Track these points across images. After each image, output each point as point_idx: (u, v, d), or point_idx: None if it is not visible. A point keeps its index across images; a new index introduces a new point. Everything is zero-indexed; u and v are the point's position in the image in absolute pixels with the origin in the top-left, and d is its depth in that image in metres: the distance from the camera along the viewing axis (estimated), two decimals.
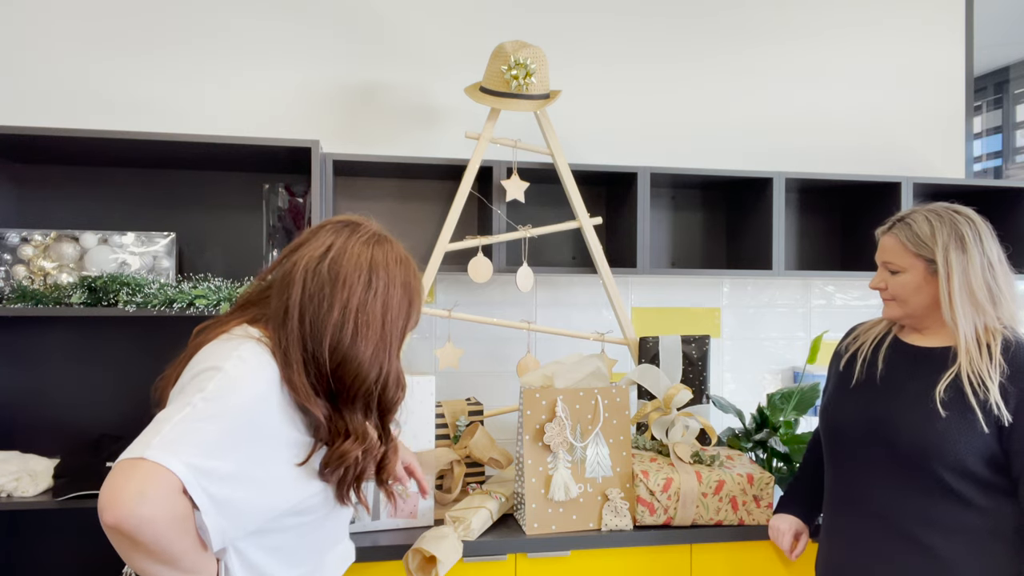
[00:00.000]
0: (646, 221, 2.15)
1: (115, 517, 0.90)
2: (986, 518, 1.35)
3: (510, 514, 1.85)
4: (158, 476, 0.92)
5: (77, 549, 2.05)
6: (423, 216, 2.30)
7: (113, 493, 0.91)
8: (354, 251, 1.14)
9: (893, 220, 1.50)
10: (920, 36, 2.66)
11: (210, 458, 0.97)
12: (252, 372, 1.05)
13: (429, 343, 2.31)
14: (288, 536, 1.14)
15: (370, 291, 1.12)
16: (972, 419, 1.34)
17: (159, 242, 1.98)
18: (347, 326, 1.10)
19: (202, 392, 1.00)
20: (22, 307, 1.77)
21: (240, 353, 1.06)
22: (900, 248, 1.45)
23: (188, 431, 0.96)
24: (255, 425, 1.04)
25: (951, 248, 1.40)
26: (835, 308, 2.60)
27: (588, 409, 1.78)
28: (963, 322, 1.38)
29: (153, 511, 0.91)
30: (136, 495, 0.91)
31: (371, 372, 1.13)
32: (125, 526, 0.90)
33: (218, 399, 1.00)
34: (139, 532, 0.91)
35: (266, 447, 1.06)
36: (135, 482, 0.91)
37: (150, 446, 0.94)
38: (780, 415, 2.10)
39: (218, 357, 1.05)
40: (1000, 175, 4.60)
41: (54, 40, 2.11)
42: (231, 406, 1.01)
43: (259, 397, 1.05)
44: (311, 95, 2.26)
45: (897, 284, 1.46)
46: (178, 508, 0.94)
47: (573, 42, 2.41)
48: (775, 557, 1.81)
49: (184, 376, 1.06)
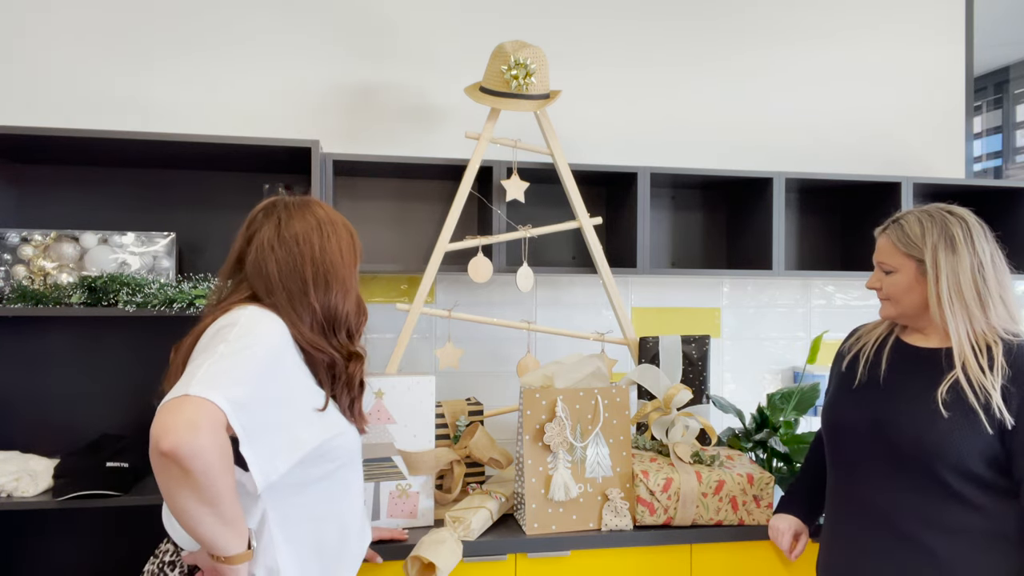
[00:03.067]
0: (646, 221, 2.15)
1: (171, 443, 0.97)
2: (988, 519, 1.35)
3: (510, 514, 1.85)
4: (205, 408, 1.01)
5: (77, 549, 2.05)
6: (423, 216, 2.30)
7: (166, 424, 0.98)
8: (296, 215, 1.32)
9: (889, 221, 1.51)
10: (920, 36, 2.66)
11: (244, 393, 1.06)
12: (265, 321, 1.20)
13: (429, 343, 2.31)
14: (318, 494, 1.26)
15: (325, 239, 1.31)
16: (974, 420, 1.33)
17: (159, 242, 1.98)
18: (319, 273, 1.29)
19: (225, 341, 1.11)
20: (22, 307, 1.77)
21: (250, 311, 1.20)
22: (892, 248, 1.46)
23: (221, 370, 1.06)
24: (277, 365, 1.16)
25: (940, 249, 1.40)
26: (835, 308, 2.60)
27: (588, 409, 1.78)
28: (952, 323, 1.38)
29: (206, 440, 0.99)
30: (188, 424, 0.98)
31: (346, 304, 1.33)
32: (182, 451, 0.97)
33: (241, 344, 1.11)
34: (193, 459, 0.98)
35: (287, 387, 1.18)
36: (186, 414, 0.99)
37: (191, 385, 1.02)
38: (780, 415, 2.10)
39: (231, 318, 1.18)
40: (1000, 175, 4.60)
41: (54, 40, 2.11)
42: (254, 349, 1.12)
43: (276, 341, 1.18)
44: (311, 95, 2.26)
45: (890, 284, 1.47)
46: (224, 441, 1.03)
47: (573, 42, 2.41)
48: (775, 557, 1.81)
49: (203, 340, 1.16)
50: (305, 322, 1.26)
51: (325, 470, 1.27)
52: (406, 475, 1.74)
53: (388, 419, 1.73)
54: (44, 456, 1.88)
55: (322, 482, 1.27)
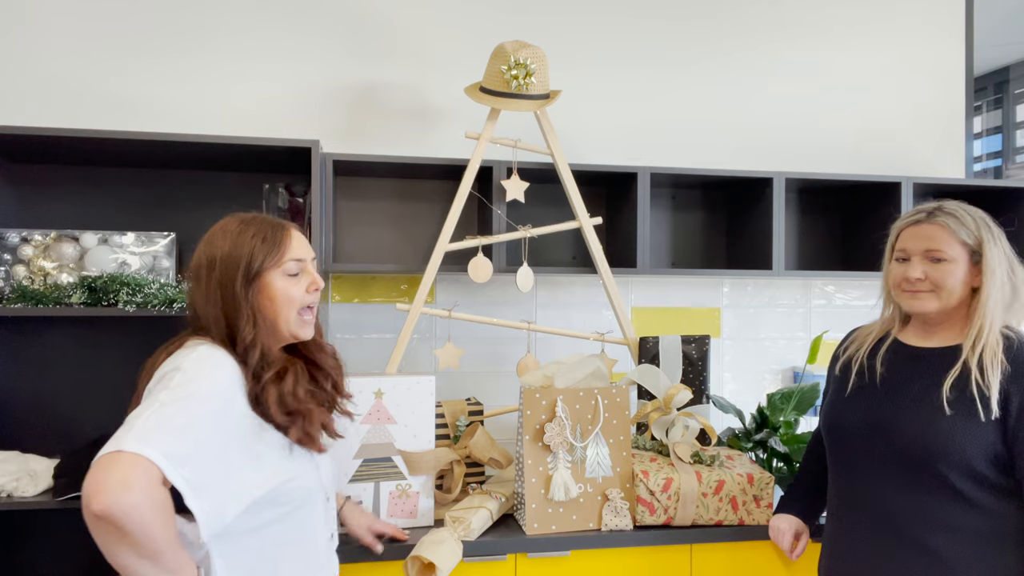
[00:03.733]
0: (646, 221, 2.15)
1: (102, 504, 0.94)
2: (991, 519, 1.34)
3: (510, 514, 1.85)
4: (138, 465, 0.97)
5: (77, 549, 2.05)
6: (423, 216, 2.30)
7: (97, 484, 0.96)
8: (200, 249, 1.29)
9: (928, 209, 1.44)
10: (920, 36, 2.66)
11: (183, 445, 1.03)
12: (211, 366, 1.15)
13: (429, 343, 2.31)
14: (267, 537, 1.20)
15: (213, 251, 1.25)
16: (977, 419, 1.33)
17: (159, 242, 1.98)
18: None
19: (167, 389, 1.08)
20: (22, 307, 1.77)
21: (198, 352, 1.16)
22: (950, 236, 1.40)
23: (159, 422, 1.03)
24: (222, 413, 1.12)
25: (990, 240, 1.40)
26: (835, 308, 2.60)
27: (588, 409, 1.78)
28: (988, 318, 1.37)
29: (138, 498, 0.96)
30: (120, 483, 0.95)
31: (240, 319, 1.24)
32: (113, 512, 0.94)
33: (183, 392, 1.08)
34: (127, 519, 0.95)
35: (238, 433, 1.15)
36: (117, 472, 0.96)
37: (125, 440, 0.99)
38: (780, 415, 2.10)
39: (177, 360, 1.15)
40: (1000, 175, 4.61)
41: (54, 40, 2.11)
42: (196, 397, 1.09)
43: (222, 386, 1.14)
44: (311, 95, 2.25)
45: (944, 273, 1.40)
46: (159, 496, 0.99)
47: (573, 42, 2.41)
48: (775, 557, 1.81)
49: (152, 381, 1.14)
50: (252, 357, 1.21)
51: (278, 513, 1.22)
52: (406, 475, 1.74)
53: (388, 419, 1.73)
54: (44, 456, 1.88)
55: (275, 525, 1.22)
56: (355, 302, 2.28)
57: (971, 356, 1.37)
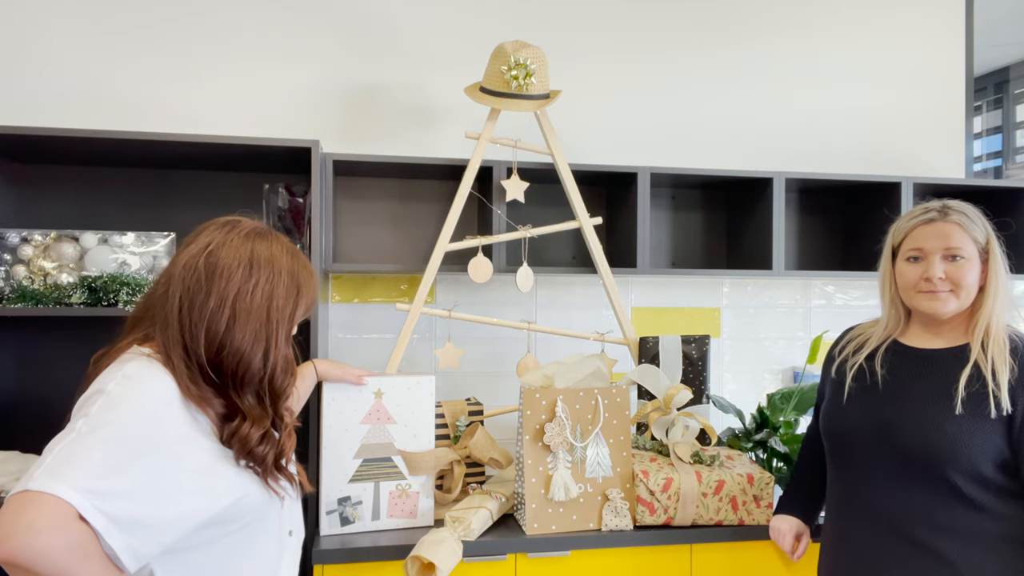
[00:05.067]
0: (646, 221, 2.15)
1: (7, 552, 0.88)
2: (996, 522, 1.33)
3: (510, 514, 1.85)
4: (46, 505, 0.90)
5: None
6: (423, 216, 2.30)
7: (3, 529, 0.89)
8: (233, 244, 1.16)
9: (937, 208, 1.43)
10: (920, 36, 2.66)
11: (103, 478, 0.95)
12: (138, 388, 1.05)
13: (429, 343, 2.31)
14: (214, 551, 1.13)
15: (251, 280, 1.14)
16: (984, 422, 1.32)
17: (159, 242, 1.98)
18: (223, 313, 1.11)
19: (86, 417, 0.99)
20: (22, 307, 1.77)
21: (125, 372, 1.06)
22: (965, 234, 1.39)
23: (73, 455, 0.95)
24: (151, 438, 1.02)
25: (993, 238, 1.41)
26: (835, 308, 2.60)
27: (588, 409, 1.78)
28: (995, 317, 1.38)
29: (46, 542, 0.89)
30: (26, 528, 0.89)
31: (254, 358, 1.14)
32: (20, 559, 0.89)
33: (103, 420, 0.99)
34: (36, 565, 0.89)
35: (171, 459, 1.04)
36: (24, 515, 0.90)
37: (33, 478, 0.92)
38: (780, 415, 2.10)
39: (103, 381, 1.06)
40: (1000, 175, 4.60)
41: (54, 40, 2.11)
42: (119, 424, 1.00)
43: (148, 411, 1.04)
44: (311, 95, 2.26)
45: (962, 272, 1.38)
46: (74, 535, 0.92)
47: (573, 42, 2.41)
48: (775, 557, 1.81)
49: (76, 405, 1.06)
50: (194, 369, 1.10)
51: (226, 530, 1.13)
52: (406, 475, 1.74)
53: (388, 419, 1.73)
54: None
55: (223, 539, 1.13)
56: (355, 302, 2.28)
57: (982, 354, 1.36)
